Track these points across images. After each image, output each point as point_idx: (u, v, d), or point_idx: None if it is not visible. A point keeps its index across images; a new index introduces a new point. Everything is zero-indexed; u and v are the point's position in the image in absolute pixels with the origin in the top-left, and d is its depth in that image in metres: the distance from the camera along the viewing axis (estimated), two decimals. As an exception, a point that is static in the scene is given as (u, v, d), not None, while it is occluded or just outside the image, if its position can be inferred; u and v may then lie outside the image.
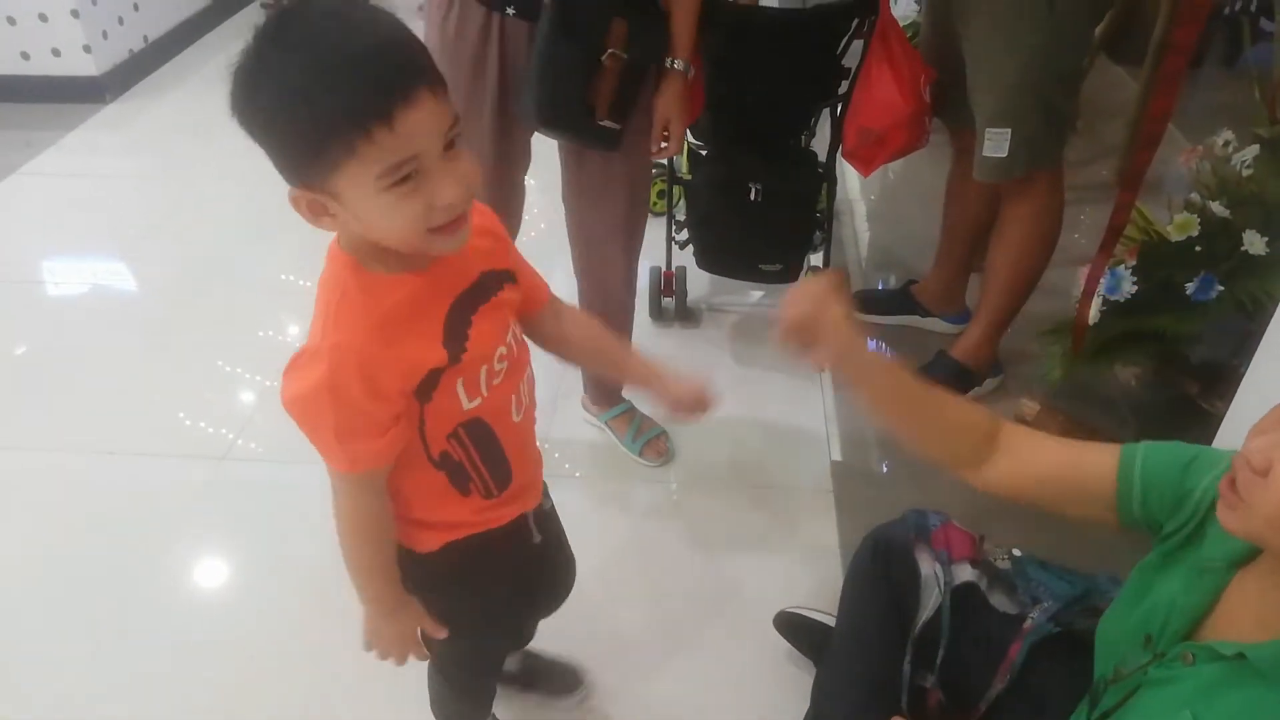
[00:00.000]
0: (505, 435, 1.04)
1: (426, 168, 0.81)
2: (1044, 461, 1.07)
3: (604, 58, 1.48)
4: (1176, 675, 0.91)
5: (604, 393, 2.07)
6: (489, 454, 1.03)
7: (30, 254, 2.82)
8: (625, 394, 2.08)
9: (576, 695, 1.56)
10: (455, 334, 0.93)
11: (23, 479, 2.00)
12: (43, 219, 3.01)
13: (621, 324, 1.95)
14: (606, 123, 1.55)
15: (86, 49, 3.55)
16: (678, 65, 1.60)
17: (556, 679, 1.57)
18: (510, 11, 1.50)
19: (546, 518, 1.24)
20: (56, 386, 2.27)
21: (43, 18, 3.47)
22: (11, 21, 3.47)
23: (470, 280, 0.96)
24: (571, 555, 1.39)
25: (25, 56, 3.55)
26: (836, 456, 2.03)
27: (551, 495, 1.25)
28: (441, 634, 1.11)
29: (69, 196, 3.11)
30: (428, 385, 0.93)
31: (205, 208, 3.03)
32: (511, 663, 1.54)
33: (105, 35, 3.61)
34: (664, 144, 1.69)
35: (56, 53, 3.55)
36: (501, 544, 1.12)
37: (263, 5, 3.78)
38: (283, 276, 2.60)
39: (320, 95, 0.76)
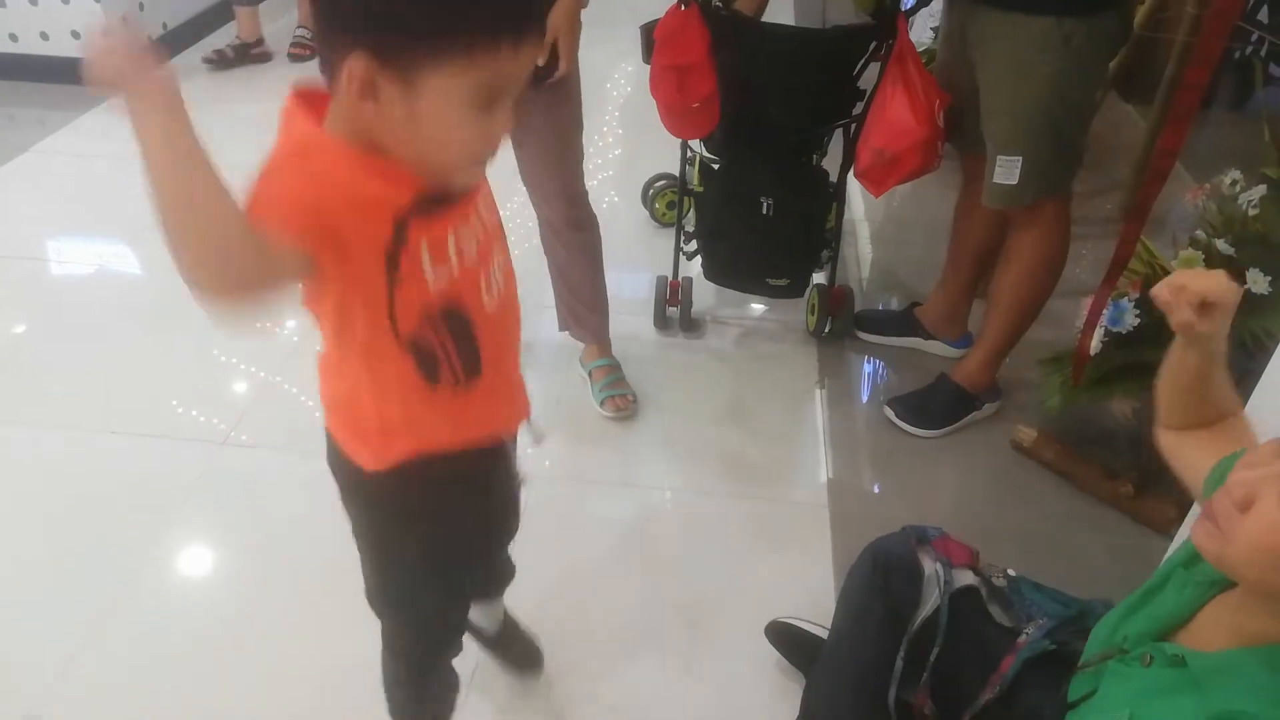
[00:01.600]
0: (478, 320, 0.98)
1: (504, 101, 0.81)
2: (1205, 456, 1.07)
3: None
4: (1132, 674, 0.93)
5: (594, 332, 2.21)
6: (465, 350, 0.98)
7: (38, 232, 2.83)
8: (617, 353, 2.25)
9: (536, 674, 1.56)
10: (395, 242, 0.87)
11: (22, 455, 2.01)
12: (52, 198, 3.02)
13: (589, 229, 2.05)
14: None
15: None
16: None
17: (526, 656, 1.56)
18: None
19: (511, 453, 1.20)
20: (59, 365, 2.27)
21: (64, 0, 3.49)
22: (33, 2, 3.49)
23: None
24: (518, 497, 1.32)
25: (45, 37, 3.57)
26: (833, 472, 2.05)
27: (545, 491, 1.20)
28: None
29: (79, 177, 3.12)
30: (395, 244, 0.86)
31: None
32: (495, 620, 1.51)
33: (125, 21, 3.62)
34: (555, 66, 1.72)
35: (76, 34, 3.57)
36: (470, 471, 1.05)
37: (205, 60, 3.87)
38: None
39: None
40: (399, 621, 1.23)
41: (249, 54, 3.92)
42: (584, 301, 2.17)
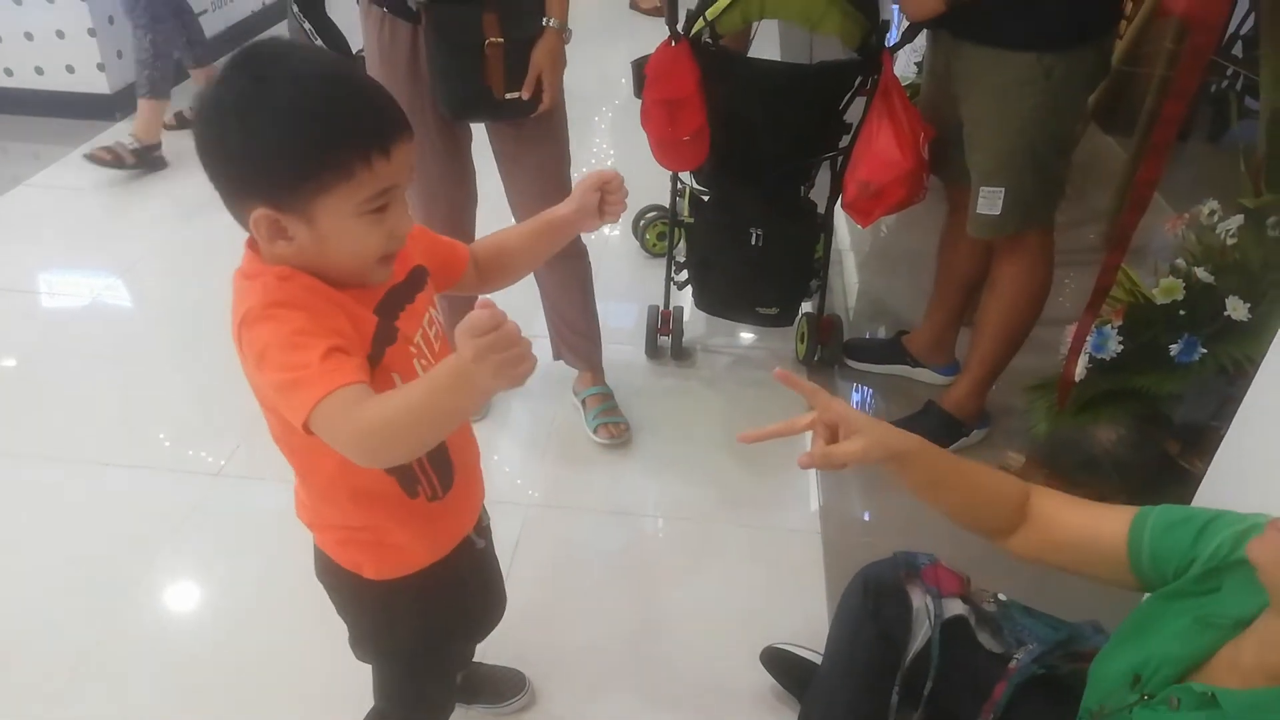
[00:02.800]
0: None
1: (395, 200, 0.88)
2: (1065, 528, 1.12)
3: (485, 47, 1.70)
4: (1161, 717, 0.93)
5: (585, 359, 2.24)
6: (435, 452, 1.05)
7: (32, 265, 2.84)
8: (609, 380, 2.28)
9: (521, 698, 1.58)
10: (382, 328, 0.95)
11: (15, 487, 2.01)
12: (45, 231, 3.04)
13: (577, 259, 2.09)
14: (510, 95, 1.76)
15: (100, 67, 3.61)
16: (553, 24, 1.75)
17: (500, 684, 1.59)
18: (385, 10, 1.73)
19: (485, 531, 1.26)
20: (52, 397, 2.28)
21: (60, 34, 3.53)
22: (29, 37, 3.53)
23: (393, 283, 0.99)
24: (502, 588, 1.42)
25: (40, 71, 3.61)
26: (824, 499, 2.06)
27: (537, 518, 1.26)
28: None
29: (73, 210, 3.14)
30: (376, 353, 0.94)
31: (206, 228, 3.06)
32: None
33: (119, 55, 3.67)
34: (540, 98, 1.79)
35: (70, 69, 3.61)
36: (444, 573, 1.14)
37: (166, 128, 3.53)
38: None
39: (331, 120, 0.83)
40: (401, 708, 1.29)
41: (150, 156, 3.37)
42: (576, 329, 2.19)
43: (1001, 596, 1.34)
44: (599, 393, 2.23)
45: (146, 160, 3.34)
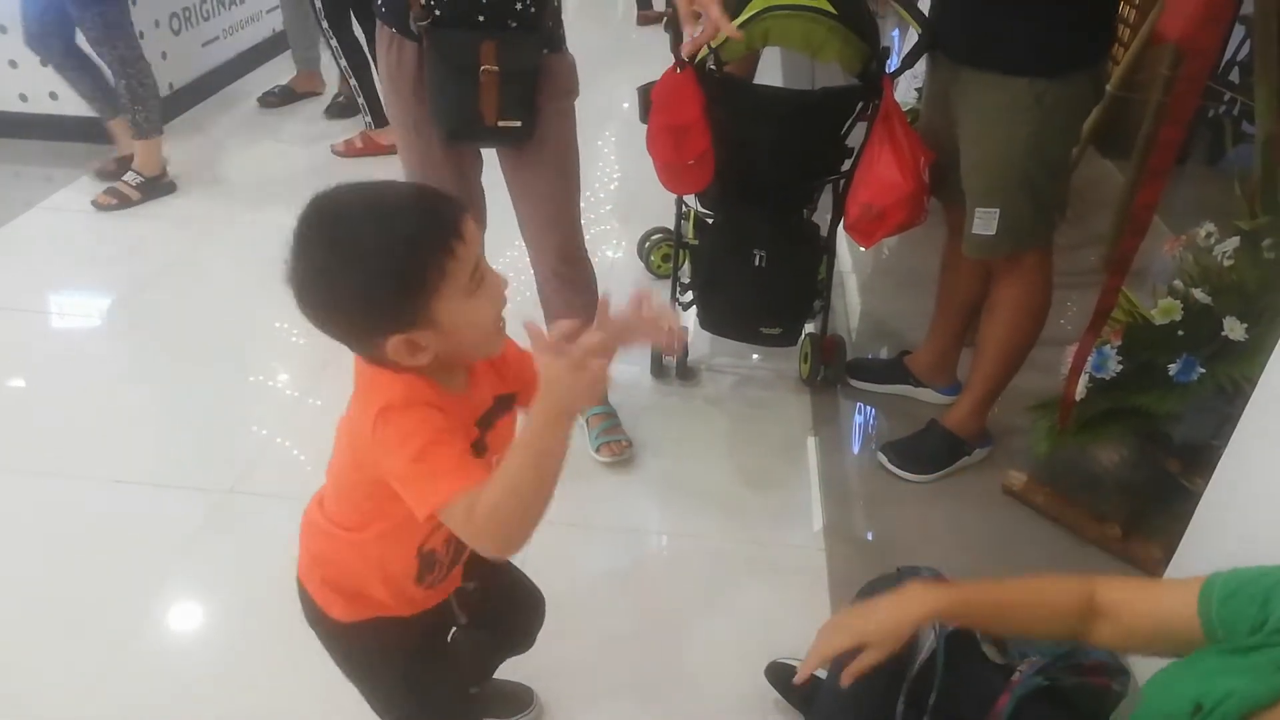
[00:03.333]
0: None
1: (484, 268, 0.97)
2: (1136, 617, 1.10)
3: (480, 74, 1.73)
4: None
5: None
6: (460, 549, 1.16)
7: (44, 286, 2.87)
8: (610, 398, 2.28)
9: (529, 714, 1.60)
10: (479, 441, 1.05)
11: (27, 503, 2.03)
12: (58, 253, 3.07)
13: (584, 284, 2.12)
14: (504, 123, 1.80)
15: (114, 92, 3.65)
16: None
17: (508, 700, 1.61)
18: (393, 30, 1.78)
19: (472, 594, 1.31)
20: (63, 415, 2.30)
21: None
22: (43, 63, 3.57)
23: (489, 403, 1.09)
24: (534, 597, 1.46)
25: (54, 96, 3.66)
26: (827, 516, 2.08)
27: (538, 535, 1.26)
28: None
29: (84, 232, 3.18)
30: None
31: (216, 251, 3.10)
32: None
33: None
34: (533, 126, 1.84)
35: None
36: (415, 628, 1.20)
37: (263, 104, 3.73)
38: (290, 321, 2.64)
39: (406, 240, 0.91)
40: None
41: (157, 185, 3.37)
42: None
43: (1004, 611, 1.36)
44: (602, 412, 2.26)
45: (154, 190, 3.35)
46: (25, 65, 3.59)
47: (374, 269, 0.90)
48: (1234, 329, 1.76)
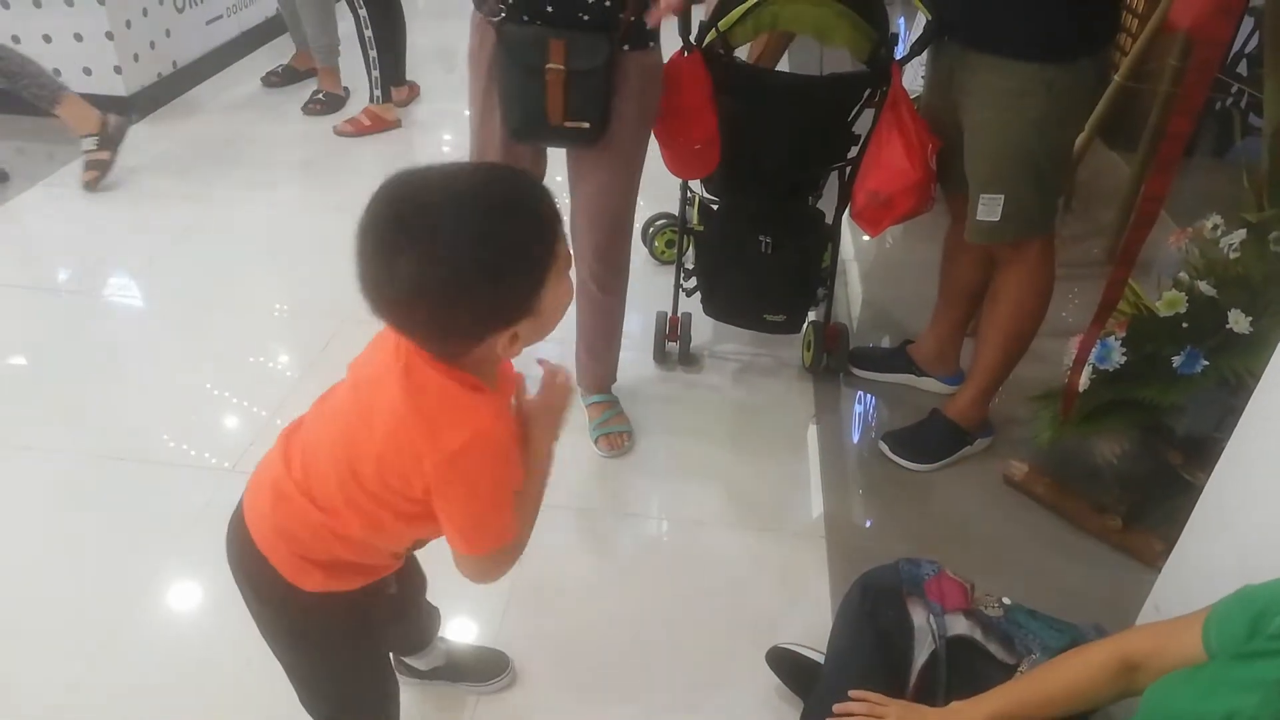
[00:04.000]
0: None
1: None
2: (1167, 663, 1.07)
3: (545, 73, 1.68)
4: None
5: (590, 380, 2.26)
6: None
7: (49, 263, 2.87)
8: (615, 389, 2.31)
9: (504, 678, 1.62)
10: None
11: (30, 479, 2.03)
12: (62, 230, 3.07)
13: (609, 309, 2.13)
14: (571, 124, 1.74)
15: (117, 70, 3.65)
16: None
17: (484, 665, 1.62)
18: (481, 15, 1.77)
19: (406, 572, 1.31)
20: (68, 392, 2.31)
21: (77, 37, 3.57)
22: (47, 39, 3.57)
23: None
24: (432, 605, 1.52)
25: (57, 73, 3.61)
26: (829, 504, 2.08)
27: (539, 519, 1.27)
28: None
29: (88, 209, 3.17)
30: None
31: (221, 228, 3.10)
32: (436, 657, 1.58)
33: (136, 58, 3.71)
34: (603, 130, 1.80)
35: (88, 71, 3.64)
36: (367, 599, 1.16)
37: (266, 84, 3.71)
38: (297, 297, 2.66)
39: (522, 232, 0.90)
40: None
41: (109, 134, 3.28)
42: (591, 351, 2.21)
43: (1006, 600, 1.36)
44: (602, 401, 2.25)
45: (113, 139, 3.27)
46: (29, 43, 3.58)
47: (507, 258, 0.88)
48: (1239, 322, 1.76)
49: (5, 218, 3.09)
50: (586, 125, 1.74)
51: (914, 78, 3.19)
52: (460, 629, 1.72)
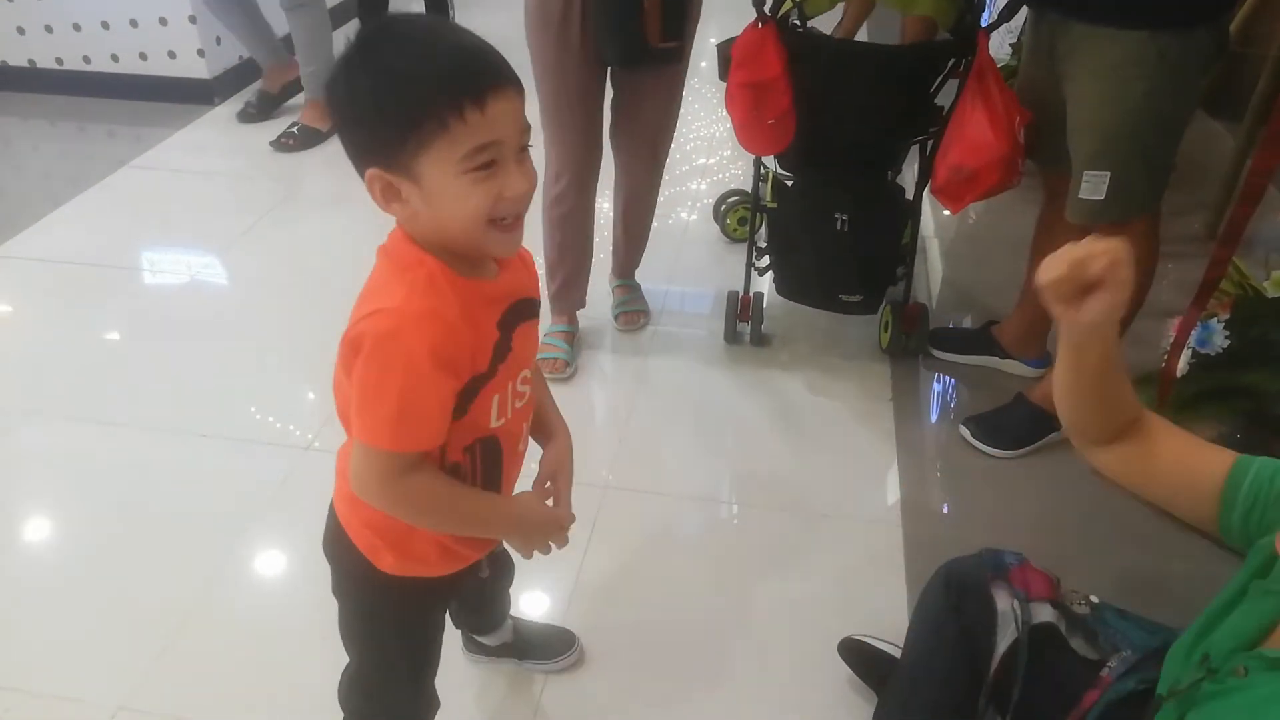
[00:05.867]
0: (508, 462, 1.08)
1: (503, 159, 0.88)
2: (1165, 454, 1.07)
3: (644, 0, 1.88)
4: (1229, 688, 0.90)
5: (620, 264, 2.54)
6: (490, 475, 1.06)
7: (134, 243, 2.96)
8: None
9: (570, 655, 1.61)
10: (501, 343, 0.97)
11: (114, 454, 2.10)
12: (148, 211, 3.16)
13: (659, 179, 2.35)
14: (664, 45, 1.95)
15: (200, 53, 3.73)
16: None
17: (550, 643, 1.62)
18: None
19: (497, 560, 1.29)
20: (151, 369, 2.38)
21: (163, 21, 3.66)
22: (134, 24, 3.67)
23: (516, 298, 1.01)
24: (500, 602, 1.52)
25: (143, 57, 3.75)
26: (906, 491, 2.02)
27: (609, 503, 1.25)
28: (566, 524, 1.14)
29: (173, 191, 3.27)
30: (467, 395, 0.96)
31: (299, 211, 3.15)
32: (504, 634, 1.57)
33: (219, 41, 3.79)
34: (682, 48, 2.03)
35: (173, 55, 3.74)
36: (443, 588, 1.15)
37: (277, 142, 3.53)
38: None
39: (422, 73, 0.85)
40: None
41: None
42: (629, 233, 2.44)
43: (1094, 598, 1.29)
44: (625, 284, 2.54)
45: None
46: (116, 27, 3.69)
47: (381, 83, 0.85)
48: (1355, 303, 1.65)
49: (96, 198, 3.19)
50: (675, 44, 1.97)
51: (1000, 45, 3.06)
52: (528, 611, 1.72)
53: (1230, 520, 1.01)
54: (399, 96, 0.85)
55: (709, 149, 3.51)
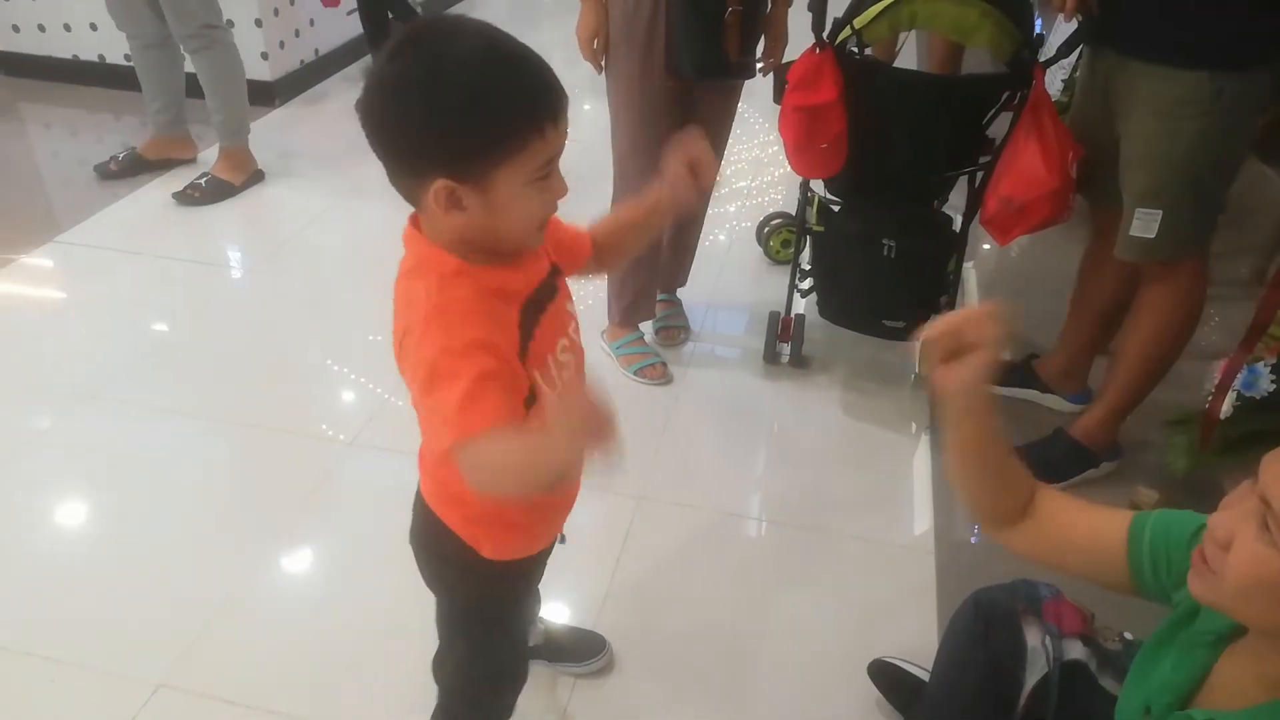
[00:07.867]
0: None
1: (555, 168, 0.93)
2: (1067, 526, 1.10)
3: (727, 15, 1.97)
4: None
5: (667, 278, 2.54)
6: None
7: (190, 237, 3.04)
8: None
9: (602, 658, 1.63)
10: (526, 329, 0.99)
11: (163, 440, 2.16)
12: (205, 207, 3.23)
13: (692, 235, 2.48)
14: (740, 59, 2.05)
15: (264, 56, 3.83)
16: None
17: (582, 646, 1.64)
18: None
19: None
20: (202, 360, 2.44)
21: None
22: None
23: (543, 274, 1.03)
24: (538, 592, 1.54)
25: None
26: (939, 518, 2.02)
27: (641, 516, 1.27)
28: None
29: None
30: (524, 339, 0.99)
31: (357, 210, 3.22)
32: (535, 635, 1.60)
33: (282, 45, 3.89)
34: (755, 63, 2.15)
35: (264, 56, 3.84)
36: (534, 566, 1.22)
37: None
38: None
39: (509, 92, 0.86)
40: (480, 694, 1.33)
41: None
42: (676, 247, 2.47)
43: (1128, 635, 1.29)
44: (668, 299, 2.59)
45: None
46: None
47: (467, 99, 0.84)
48: None
49: (157, 189, 3.28)
50: (749, 60, 2.07)
51: (1052, 80, 3.06)
52: (560, 616, 1.74)
53: (1143, 579, 1.02)
54: (486, 114, 0.86)
55: (753, 171, 3.54)
